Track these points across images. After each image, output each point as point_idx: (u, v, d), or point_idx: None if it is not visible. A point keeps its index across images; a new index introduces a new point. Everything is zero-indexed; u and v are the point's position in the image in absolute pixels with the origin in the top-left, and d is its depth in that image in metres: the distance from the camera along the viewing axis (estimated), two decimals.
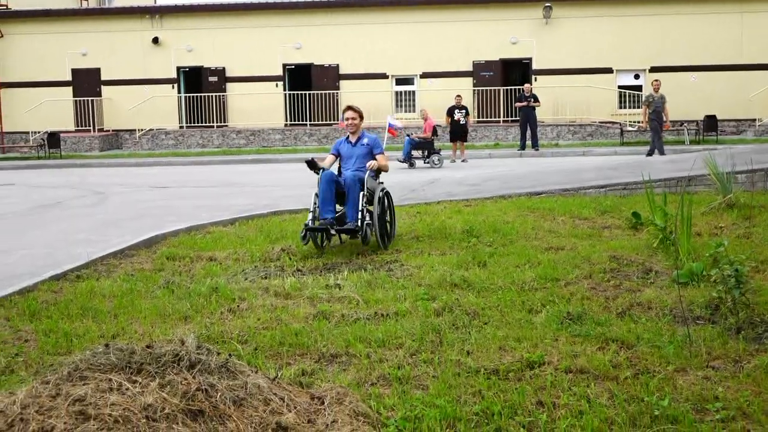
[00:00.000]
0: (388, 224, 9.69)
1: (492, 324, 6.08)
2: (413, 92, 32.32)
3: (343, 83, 32.22)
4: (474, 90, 31.39)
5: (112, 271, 8.66)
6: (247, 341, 5.81)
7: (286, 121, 32.52)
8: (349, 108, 9.76)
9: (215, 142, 31.82)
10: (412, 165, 22.46)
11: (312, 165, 9.37)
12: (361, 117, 9.81)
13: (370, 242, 9.08)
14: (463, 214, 11.82)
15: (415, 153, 22.73)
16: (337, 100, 31.94)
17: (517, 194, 13.84)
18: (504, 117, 31.18)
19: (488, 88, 31.33)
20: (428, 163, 22.55)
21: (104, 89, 32.87)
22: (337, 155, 9.86)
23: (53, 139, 29.54)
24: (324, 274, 8.09)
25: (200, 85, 32.76)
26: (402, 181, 18.09)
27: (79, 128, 32.69)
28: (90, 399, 3.83)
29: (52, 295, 7.53)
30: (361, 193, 9.12)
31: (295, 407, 4.13)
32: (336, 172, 9.60)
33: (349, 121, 9.69)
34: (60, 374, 4.24)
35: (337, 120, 31.74)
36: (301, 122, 32.18)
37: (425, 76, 31.95)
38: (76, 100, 32.78)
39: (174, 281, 7.86)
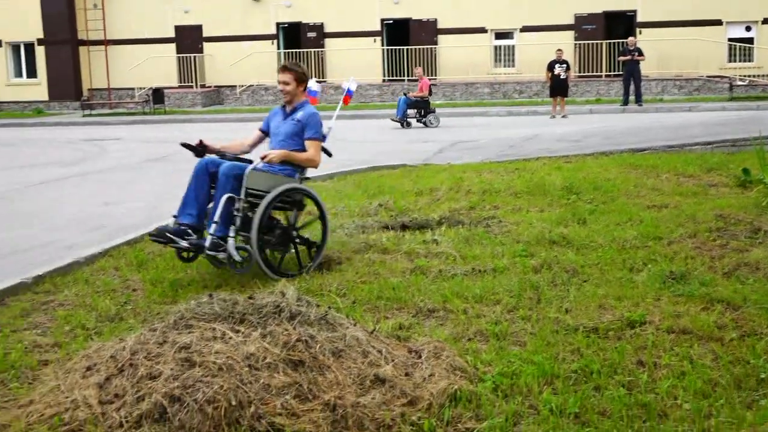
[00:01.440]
0: (292, 241, 6.72)
1: (591, 282, 5.98)
2: (513, 47, 31.78)
3: (441, 38, 31.92)
4: (575, 44, 30.65)
5: None
6: (345, 294, 5.88)
7: (384, 76, 32.47)
8: (284, 69, 6.88)
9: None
10: (408, 125, 21.85)
11: (193, 149, 6.61)
12: (300, 81, 6.84)
13: (225, 264, 6.29)
14: (562, 171, 11.63)
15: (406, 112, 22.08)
16: (435, 55, 31.69)
17: (619, 150, 13.53)
18: (606, 72, 30.38)
19: (590, 41, 30.54)
20: (423, 122, 21.96)
21: (206, 46, 33.43)
22: (267, 132, 7.07)
23: (157, 95, 30.26)
24: (421, 229, 8.09)
25: (299, 40, 32.97)
26: (499, 137, 17.90)
27: (182, 84, 33.40)
28: (195, 347, 3.95)
29: (158, 246, 7.75)
30: (226, 196, 6.12)
31: (393, 360, 4.17)
32: (230, 154, 6.61)
33: (281, 86, 6.87)
34: (166, 322, 4.38)
35: (435, 76, 31.53)
36: (398, 78, 32.08)
37: (525, 30, 31.34)
38: (179, 57, 33.46)
39: None
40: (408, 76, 31.68)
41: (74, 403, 3.83)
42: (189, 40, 33.46)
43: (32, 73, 33.85)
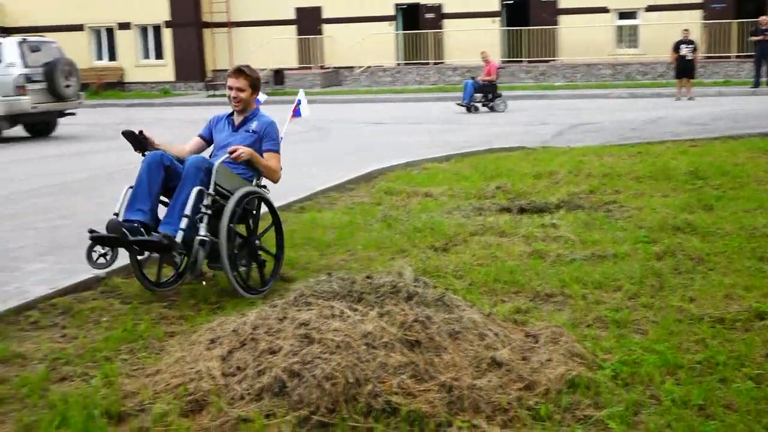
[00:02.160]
0: (255, 254, 5.88)
1: (718, 271, 5.77)
2: (636, 27, 30.86)
3: (561, 18, 31.29)
4: (703, 23, 29.52)
5: (333, 204, 9.00)
6: (462, 276, 5.86)
7: (503, 57, 32.11)
8: (237, 72, 5.98)
9: (431, 79, 31.99)
10: (475, 110, 21.11)
11: (134, 140, 5.73)
12: (254, 88, 6.05)
13: (198, 273, 5.45)
14: (688, 155, 11.26)
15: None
16: (555, 35, 31.11)
17: (748, 134, 13.00)
18: (736, 52, 29.15)
19: (719, 21, 29.34)
20: (491, 107, 21.22)
21: (325, 27, 33.79)
22: (209, 141, 6.23)
23: (278, 76, 30.83)
24: (539, 213, 7.98)
25: (417, 22, 32.93)
26: (621, 120, 17.46)
27: (302, 65, 33.89)
28: (314, 324, 4.02)
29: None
30: (197, 188, 5.37)
31: (510, 343, 4.14)
32: (171, 155, 5.74)
33: (233, 93, 5.97)
34: (286, 299, 4.47)
35: (555, 57, 30.99)
36: (517, 59, 31.66)
37: (650, 9, 30.38)
38: (299, 38, 33.96)
39: (391, 215, 8.04)
40: (527, 57, 31.23)
41: (198, 374, 3.96)
42: (309, 21, 33.90)
43: (159, 54, 35.01)
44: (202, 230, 5.28)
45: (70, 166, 13.23)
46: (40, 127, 18.69)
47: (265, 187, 6.14)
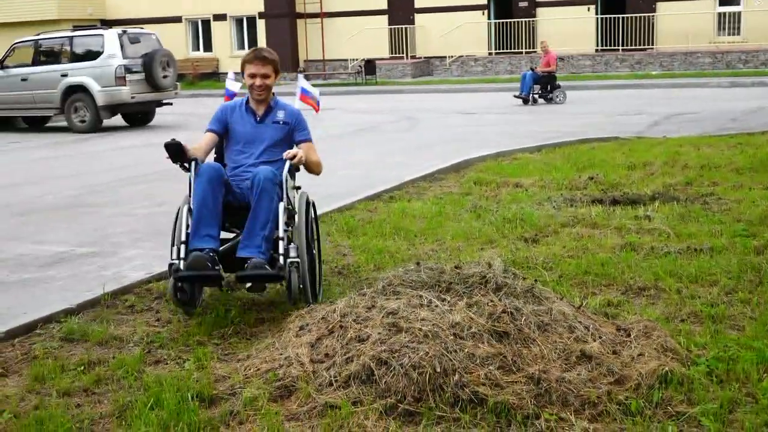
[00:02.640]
0: (316, 260, 5.40)
1: None
2: (738, 13, 29.84)
3: (659, 5, 30.51)
4: None
5: (422, 194, 9.00)
6: (551, 268, 5.79)
7: (597, 46, 31.50)
8: (260, 58, 5.34)
9: (523, 68, 31.61)
10: (534, 101, 20.48)
11: (175, 151, 4.97)
12: (278, 72, 5.45)
13: (296, 298, 4.90)
14: None
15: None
16: (653, 23, 30.34)
17: None
18: None
19: None
20: (549, 99, 20.55)
21: (417, 17, 33.74)
22: (222, 134, 5.44)
23: (369, 66, 30.93)
24: (633, 205, 7.81)
25: (510, 10, 32.58)
26: (720, 110, 16.95)
27: (393, 55, 33.94)
28: (402, 313, 4.03)
29: (368, 213, 7.98)
30: (282, 204, 4.92)
31: (600, 337, 4.07)
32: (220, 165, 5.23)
33: (257, 81, 5.31)
34: (375, 288, 4.50)
35: (652, 45, 30.24)
36: (612, 47, 31.01)
37: None
38: (390, 28, 34.00)
39: (480, 205, 8.00)
40: (623, 45, 30.56)
41: (288, 360, 4.02)
42: (401, 11, 33.90)
43: (253, 45, 35.54)
44: (293, 251, 4.80)
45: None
46: (138, 116, 19.24)
47: (299, 188, 5.50)
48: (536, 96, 20.66)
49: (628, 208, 7.67)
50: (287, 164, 5.09)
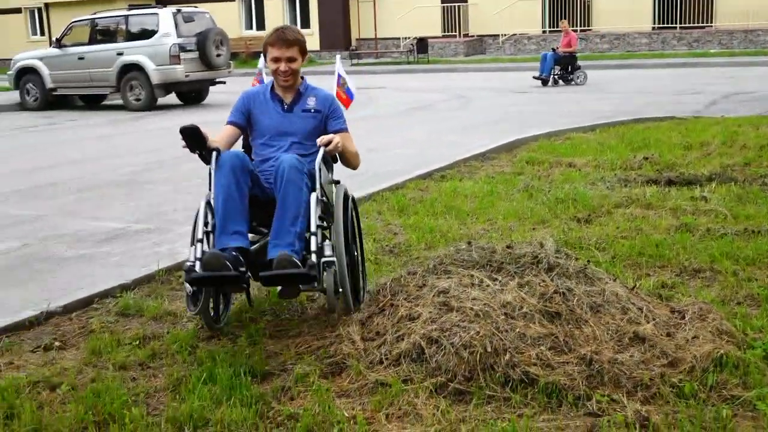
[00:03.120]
0: (358, 262, 4.75)
1: None
2: None
3: None
4: None
5: (474, 173, 8.95)
6: (604, 249, 5.72)
7: (654, 24, 30.91)
8: (283, 40, 4.58)
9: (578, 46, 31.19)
10: (555, 83, 20.02)
11: (192, 137, 4.34)
12: (305, 53, 4.70)
13: (335, 305, 4.28)
14: None
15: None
16: (712, 1, 29.66)
17: None
18: None
19: None
20: (570, 80, 20.06)
21: None
22: (244, 126, 4.79)
23: (422, 45, 30.79)
24: (689, 185, 7.68)
25: None
26: None
27: (446, 34, 33.73)
28: (453, 292, 4.02)
29: (419, 192, 7.97)
30: (314, 195, 4.29)
31: (654, 319, 4.02)
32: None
33: (282, 66, 4.60)
34: (426, 267, 4.50)
35: (711, 23, 29.58)
36: (670, 25, 30.40)
37: None
38: (443, 6, 33.76)
39: (533, 185, 7.94)
40: (680, 23, 29.95)
41: (339, 337, 4.06)
42: None
43: (306, 23, 35.60)
44: (328, 249, 4.15)
45: None
46: (192, 95, 19.43)
47: (338, 182, 4.84)
48: (556, 77, 20.35)
49: (683, 188, 7.55)
50: (321, 152, 4.42)
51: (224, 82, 19.59)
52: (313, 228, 4.16)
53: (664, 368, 3.62)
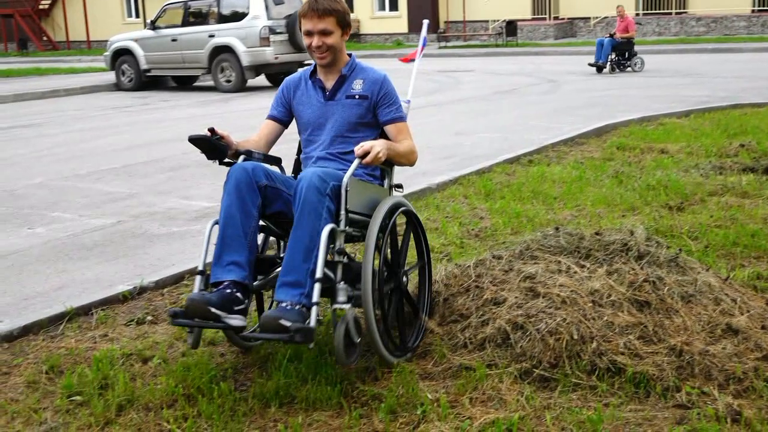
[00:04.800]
0: (402, 295, 3.91)
1: None
2: None
3: None
4: None
5: (562, 158, 8.82)
6: (697, 238, 5.57)
7: (753, 6, 29.87)
8: (315, 10, 3.80)
9: (672, 30, 30.40)
10: (613, 69, 19.21)
11: (204, 146, 3.71)
12: (344, 25, 3.88)
13: (344, 361, 3.38)
14: None
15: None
16: None
17: None
18: None
19: None
20: (626, 66, 19.28)
21: None
22: (286, 122, 4.16)
23: (510, 28, 30.46)
24: None
25: None
26: None
27: (536, 17, 33.27)
28: (539, 278, 3.98)
29: (506, 177, 7.89)
30: (328, 227, 3.41)
31: (748, 311, 3.90)
32: (268, 165, 3.84)
33: (315, 40, 3.85)
34: (512, 252, 4.45)
35: None
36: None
37: None
38: None
39: (623, 171, 7.78)
40: None
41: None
42: None
43: (394, 6, 35.60)
44: (342, 295, 3.43)
45: None
46: (281, 76, 19.65)
47: (400, 187, 4.15)
48: (613, 64, 19.75)
49: None
50: (354, 165, 3.58)
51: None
52: (318, 272, 3.32)
53: (759, 362, 3.51)
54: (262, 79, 19.45)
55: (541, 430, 3.12)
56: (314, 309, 3.29)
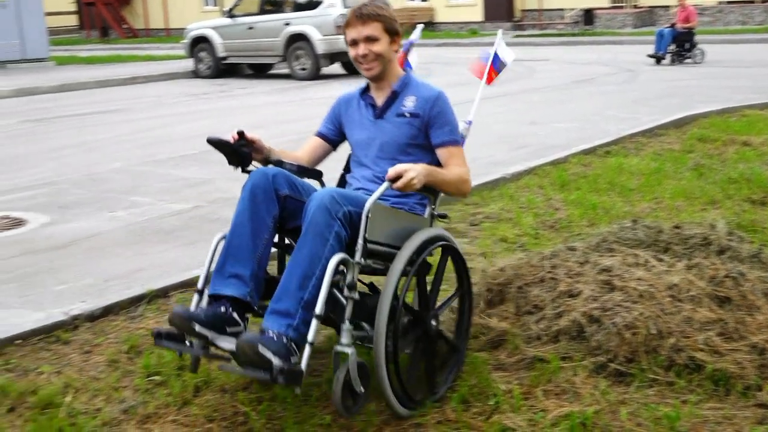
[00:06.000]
0: (430, 341, 3.36)
1: None
2: None
3: None
4: None
5: (641, 149, 8.66)
6: None
7: None
8: (359, 16, 3.47)
9: (756, 19, 29.55)
10: (673, 61, 18.35)
11: (228, 150, 3.45)
12: (393, 32, 3.55)
13: (342, 411, 3.01)
14: None
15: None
16: None
17: None
18: None
19: None
20: (685, 58, 18.44)
21: None
22: (335, 141, 3.83)
23: (588, 16, 29.99)
24: None
25: None
26: None
27: (614, 5, 32.67)
28: (616, 271, 3.91)
29: (582, 168, 7.78)
30: (336, 257, 2.97)
31: None
32: (296, 177, 3.39)
33: (360, 50, 3.49)
34: (588, 243, 4.40)
35: None
36: None
37: None
38: None
39: (704, 164, 7.60)
40: None
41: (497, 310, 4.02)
42: None
43: None
44: (346, 338, 2.98)
45: None
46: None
47: (445, 216, 3.73)
48: (673, 55, 19.00)
49: None
50: (380, 189, 3.11)
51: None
52: (318, 308, 2.90)
53: None
54: (336, 67, 19.53)
55: (616, 425, 3.08)
56: (307, 349, 2.86)
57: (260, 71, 20.88)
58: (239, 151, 3.39)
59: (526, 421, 3.11)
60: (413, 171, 3.13)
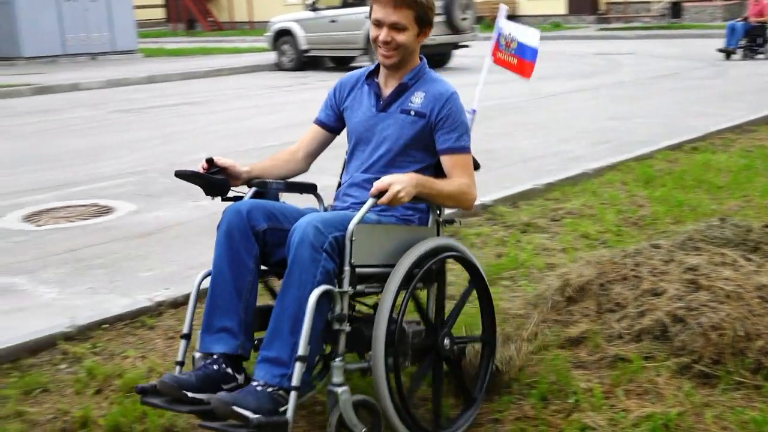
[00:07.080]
0: (440, 361, 3.06)
1: None
2: None
3: None
4: None
5: (729, 146, 8.44)
6: None
7: None
8: (391, 1, 3.04)
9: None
10: (745, 56, 17.45)
11: (201, 181, 3.21)
12: (423, 23, 3.14)
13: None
14: None
15: None
16: None
17: None
18: None
19: None
20: (756, 54, 17.54)
21: None
22: (334, 129, 3.53)
23: (675, 9, 29.31)
24: None
25: None
26: None
27: None
28: (702, 270, 3.82)
29: (667, 164, 7.62)
30: (316, 292, 2.70)
31: None
32: (273, 191, 3.38)
33: (383, 34, 3.09)
34: (673, 241, 4.31)
35: None
36: None
37: None
38: None
39: None
40: None
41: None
42: None
43: None
44: (337, 377, 2.76)
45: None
46: (435, 58, 19.65)
47: (451, 222, 3.42)
48: (745, 50, 18.20)
49: None
50: (364, 208, 2.85)
51: (468, 46, 19.64)
52: (301, 349, 2.66)
53: None
54: None
55: (701, 428, 3.01)
56: (292, 395, 2.62)
57: (342, 64, 20.99)
58: (213, 180, 3.14)
59: (607, 421, 3.06)
60: (399, 184, 2.84)
